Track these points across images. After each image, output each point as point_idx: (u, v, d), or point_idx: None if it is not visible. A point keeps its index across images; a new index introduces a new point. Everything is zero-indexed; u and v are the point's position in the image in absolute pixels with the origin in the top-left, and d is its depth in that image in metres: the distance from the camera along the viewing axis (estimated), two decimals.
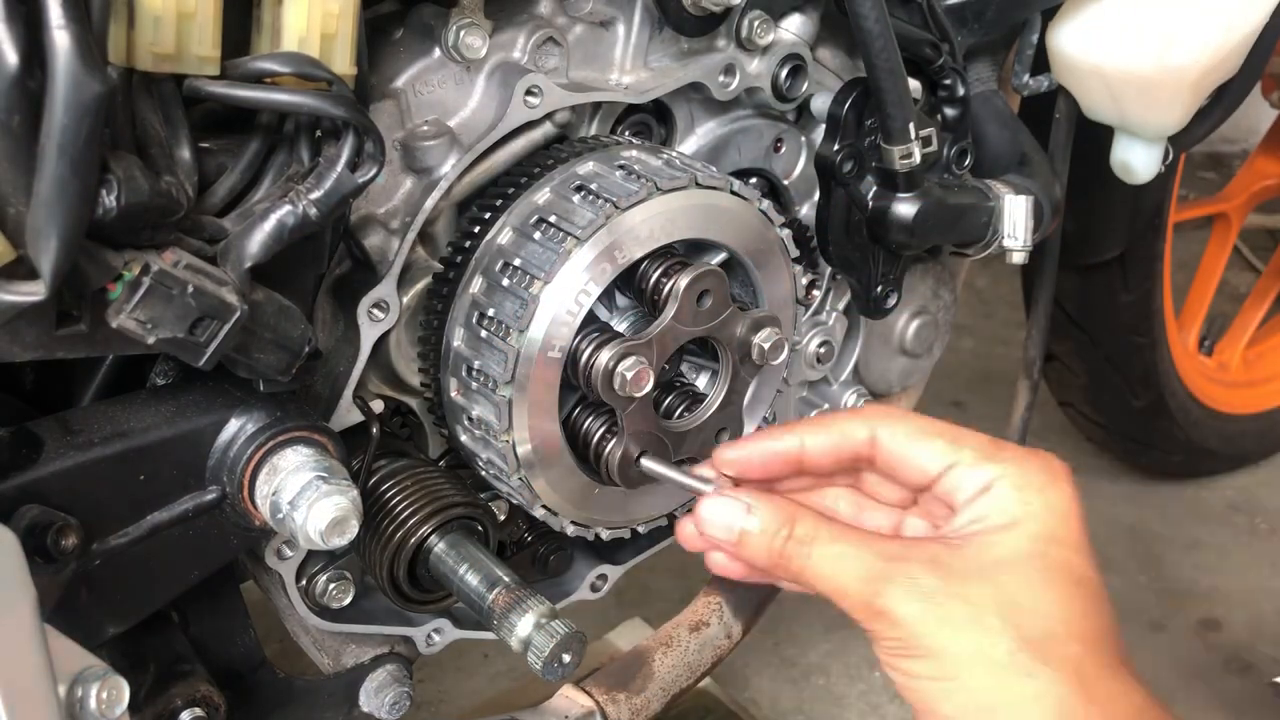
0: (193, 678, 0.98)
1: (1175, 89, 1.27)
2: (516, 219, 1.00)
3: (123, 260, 0.75)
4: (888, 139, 1.15)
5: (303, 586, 1.07)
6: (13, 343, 0.75)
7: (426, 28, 0.99)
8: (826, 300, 1.31)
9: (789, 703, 1.90)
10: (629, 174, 1.00)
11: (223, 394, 0.90)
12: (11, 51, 0.66)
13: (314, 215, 0.81)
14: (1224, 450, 2.34)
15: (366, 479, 1.01)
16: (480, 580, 0.99)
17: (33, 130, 0.68)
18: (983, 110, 1.30)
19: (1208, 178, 3.57)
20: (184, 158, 0.80)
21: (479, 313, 0.99)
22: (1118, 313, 2.02)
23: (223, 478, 0.89)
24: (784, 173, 1.22)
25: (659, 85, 1.08)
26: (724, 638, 1.40)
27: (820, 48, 1.20)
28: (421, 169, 1.00)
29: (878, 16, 1.08)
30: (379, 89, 0.98)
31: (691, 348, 1.10)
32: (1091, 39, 1.27)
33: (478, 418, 1.00)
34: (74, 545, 0.81)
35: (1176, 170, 1.94)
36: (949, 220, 1.23)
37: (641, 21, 1.07)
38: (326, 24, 0.81)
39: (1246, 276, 3.01)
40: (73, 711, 0.68)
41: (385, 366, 1.05)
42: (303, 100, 0.79)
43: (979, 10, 1.23)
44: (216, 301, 0.78)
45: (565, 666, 0.96)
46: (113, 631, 0.88)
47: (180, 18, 0.74)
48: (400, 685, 1.13)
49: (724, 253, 1.08)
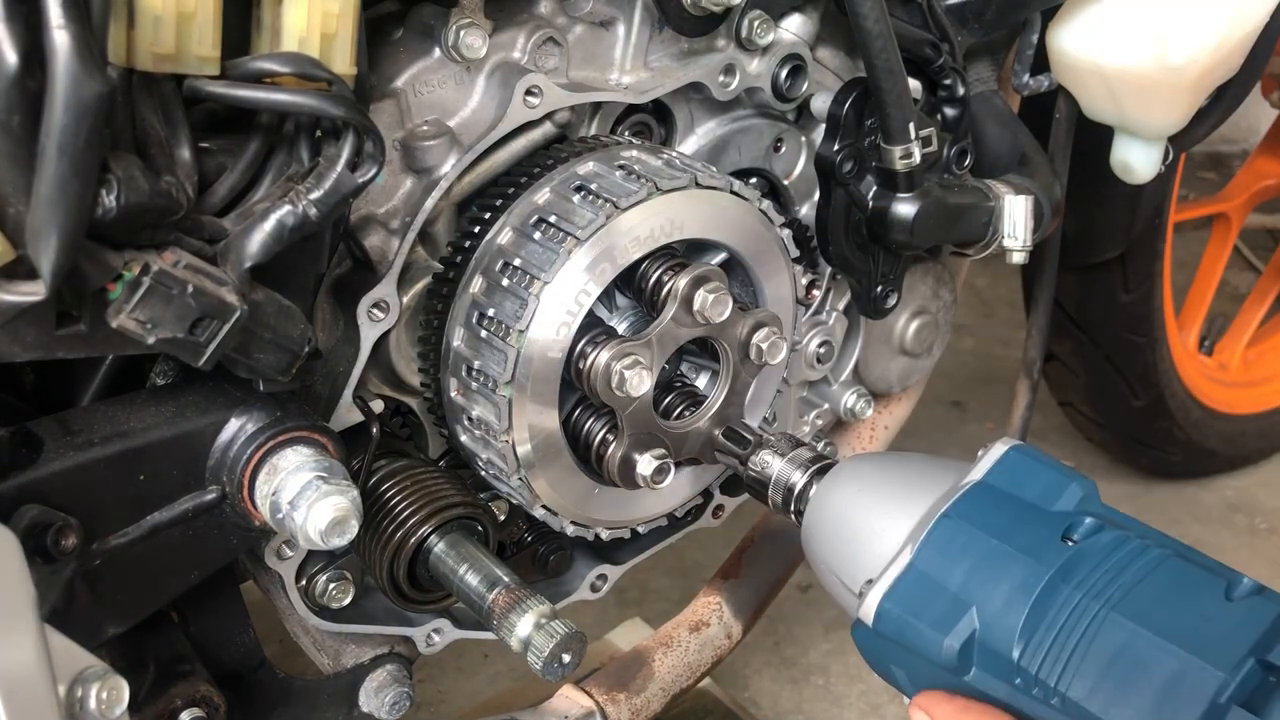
0: (193, 678, 0.98)
1: (1175, 89, 1.27)
2: (516, 219, 1.00)
3: (123, 260, 0.75)
4: (888, 139, 1.15)
5: (302, 586, 1.07)
6: (13, 343, 0.75)
7: (426, 28, 0.99)
8: (826, 300, 1.31)
9: (789, 703, 1.90)
10: (629, 174, 1.00)
11: (222, 394, 0.90)
12: (11, 51, 0.66)
13: (314, 215, 0.82)
14: (1224, 450, 2.34)
15: (366, 479, 1.01)
16: (480, 580, 0.99)
17: (33, 130, 0.68)
18: (983, 110, 1.30)
19: (1208, 178, 3.57)
20: (184, 158, 0.80)
21: (479, 313, 0.99)
22: (1118, 313, 2.02)
23: (223, 478, 0.89)
24: (784, 173, 1.22)
25: (659, 85, 1.08)
26: (724, 638, 1.40)
27: (820, 48, 1.20)
28: (421, 169, 1.00)
29: (878, 16, 1.08)
30: (379, 89, 0.98)
31: (691, 348, 1.10)
32: (1092, 39, 1.27)
33: (478, 418, 1.00)
34: (74, 545, 0.81)
35: (1176, 170, 1.94)
36: (949, 220, 1.23)
37: (641, 21, 1.07)
38: (326, 24, 0.81)
39: (1247, 276, 3.01)
40: (73, 711, 0.68)
41: (385, 366, 1.05)
42: (303, 100, 0.79)
43: (979, 10, 1.23)
44: (216, 301, 0.78)
45: (565, 666, 0.96)
46: (113, 631, 0.88)
47: (180, 18, 0.74)
48: (400, 685, 1.13)
49: (724, 253, 1.08)
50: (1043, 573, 0.79)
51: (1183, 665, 0.72)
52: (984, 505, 0.85)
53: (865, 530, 0.89)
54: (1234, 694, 0.70)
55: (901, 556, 0.84)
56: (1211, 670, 0.71)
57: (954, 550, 0.83)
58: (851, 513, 0.92)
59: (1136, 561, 0.78)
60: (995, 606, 0.79)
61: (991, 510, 0.84)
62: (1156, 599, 0.76)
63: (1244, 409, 2.35)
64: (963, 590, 0.81)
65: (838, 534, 0.92)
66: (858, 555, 0.89)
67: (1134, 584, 0.77)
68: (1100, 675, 0.74)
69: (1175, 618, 0.74)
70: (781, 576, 1.47)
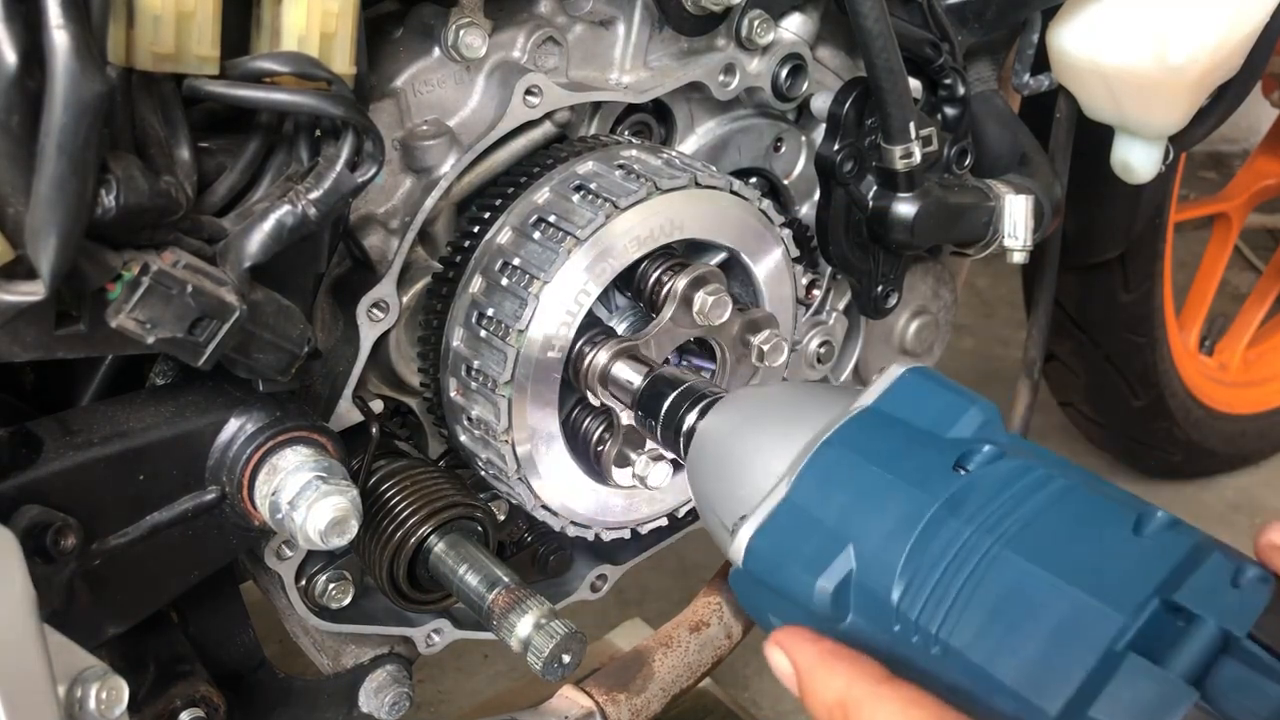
0: (192, 678, 0.98)
1: (1175, 89, 1.27)
2: (516, 219, 1.00)
3: (122, 260, 0.75)
4: (888, 138, 1.15)
5: (302, 587, 1.07)
6: (13, 343, 0.75)
7: (426, 27, 0.99)
8: (826, 300, 1.31)
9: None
10: (629, 174, 1.00)
11: (222, 394, 0.90)
12: (11, 51, 0.66)
13: (313, 215, 0.81)
14: (1224, 450, 2.34)
15: (366, 479, 1.01)
16: (480, 580, 0.99)
17: (32, 130, 0.68)
18: (983, 110, 1.30)
19: (1208, 177, 3.56)
20: (183, 158, 0.80)
21: (478, 312, 0.99)
22: (1118, 313, 2.02)
23: (222, 478, 0.89)
24: (784, 172, 1.22)
25: (659, 85, 1.08)
26: (724, 638, 1.40)
27: (820, 47, 1.20)
28: (421, 169, 0.99)
29: (878, 16, 1.08)
30: (379, 88, 0.98)
31: (692, 348, 1.10)
32: (1092, 38, 1.27)
33: (477, 418, 1.00)
34: (74, 545, 0.81)
35: (1177, 170, 1.94)
36: (949, 220, 1.23)
37: (641, 21, 1.07)
38: (326, 23, 0.81)
39: (1247, 276, 3.01)
40: (72, 712, 0.68)
41: (385, 366, 1.05)
42: (302, 100, 0.79)
43: (979, 10, 1.23)
44: (216, 301, 0.78)
45: (565, 667, 0.96)
46: (112, 631, 0.88)
47: (180, 17, 0.74)
48: (400, 685, 1.13)
49: (724, 253, 1.08)
50: (928, 504, 0.69)
51: (1077, 607, 0.62)
52: (870, 432, 0.75)
53: (745, 464, 0.80)
54: (1134, 640, 0.61)
55: (778, 490, 0.75)
56: (1109, 612, 0.61)
57: (833, 481, 0.73)
58: (732, 446, 0.82)
59: (1036, 494, 0.68)
60: (874, 543, 0.70)
61: (878, 437, 0.75)
62: (1055, 534, 0.66)
63: (1244, 409, 2.35)
64: (840, 525, 0.71)
65: (717, 470, 0.83)
66: (735, 491, 0.80)
67: (1031, 518, 0.67)
68: (986, 620, 0.64)
69: (1074, 555, 0.64)
70: None
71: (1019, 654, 0.62)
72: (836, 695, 0.64)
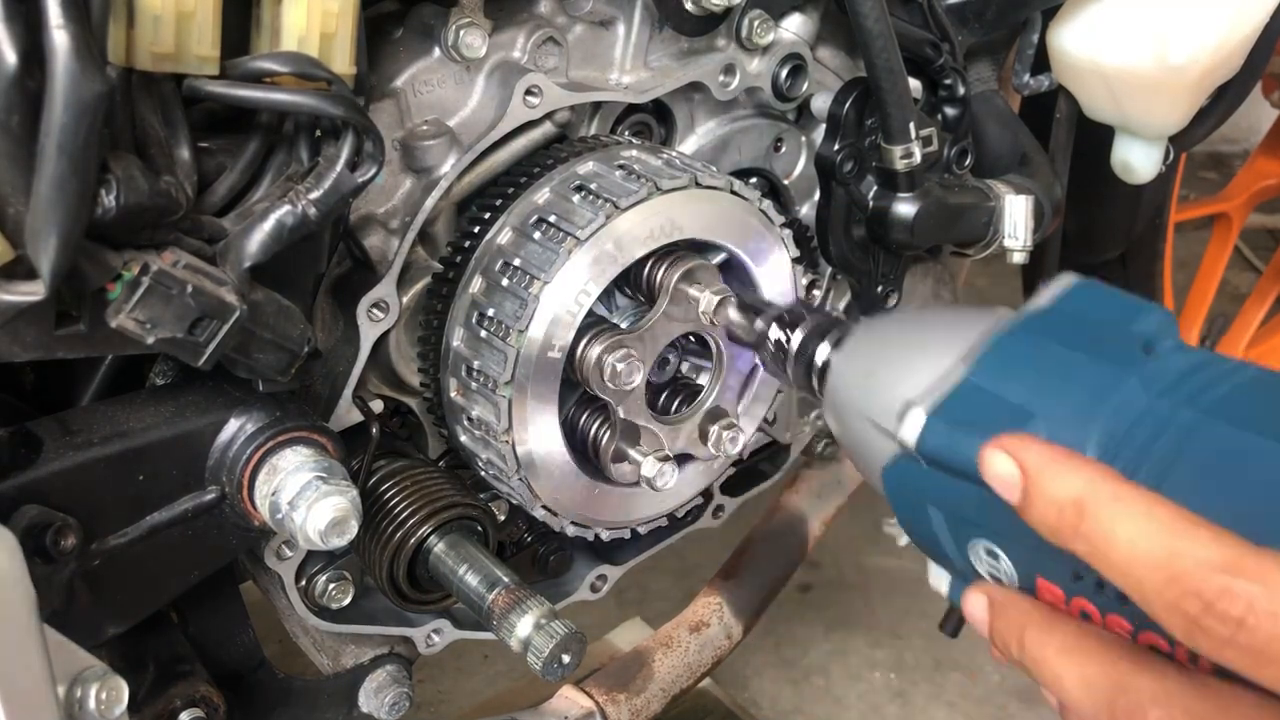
0: (192, 678, 0.98)
1: (1176, 89, 1.27)
2: (516, 219, 1.00)
3: (122, 260, 0.75)
4: (888, 139, 1.15)
5: (302, 587, 1.07)
6: (13, 343, 0.75)
7: (426, 27, 0.99)
8: (826, 300, 1.31)
9: (789, 703, 1.90)
10: (629, 174, 1.00)
11: (222, 394, 0.90)
12: (11, 51, 0.66)
13: (313, 215, 0.81)
14: None
15: (366, 479, 1.01)
16: (480, 580, 0.99)
17: (32, 130, 0.68)
18: (983, 110, 1.30)
19: (1208, 177, 3.56)
20: (183, 158, 0.80)
21: (479, 313, 0.99)
22: None
23: (222, 478, 0.89)
24: (784, 172, 1.22)
25: (659, 85, 1.08)
26: (724, 638, 1.40)
27: (820, 47, 1.20)
28: (421, 169, 0.99)
29: (878, 16, 1.08)
30: (379, 89, 0.98)
31: (693, 347, 1.10)
32: (1092, 39, 1.27)
33: (477, 418, 1.00)
34: (74, 545, 0.81)
35: (1177, 170, 1.94)
36: (949, 220, 1.23)
37: (641, 21, 1.07)
38: (326, 23, 0.81)
39: (1247, 276, 3.01)
40: (72, 712, 0.68)
41: (385, 366, 1.05)
42: (302, 100, 0.79)
43: (979, 10, 1.23)
44: (216, 301, 0.78)
45: (565, 667, 0.96)
46: (112, 631, 0.88)
47: (180, 17, 0.74)
48: (400, 686, 1.13)
49: (724, 252, 1.08)
50: (1121, 377, 0.66)
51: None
52: (1051, 322, 0.73)
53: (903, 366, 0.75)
54: None
55: (953, 373, 0.71)
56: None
57: (1017, 362, 0.70)
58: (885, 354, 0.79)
59: (1231, 376, 0.65)
60: (1065, 414, 0.66)
61: (1060, 326, 0.72)
62: (1260, 405, 0.63)
63: None
64: (1026, 401, 0.68)
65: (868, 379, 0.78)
66: (895, 387, 0.74)
67: (1230, 393, 0.64)
68: (1193, 483, 0.61)
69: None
70: (781, 577, 1.47)
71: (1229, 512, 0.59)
72: (1074, 493, 0.62)
